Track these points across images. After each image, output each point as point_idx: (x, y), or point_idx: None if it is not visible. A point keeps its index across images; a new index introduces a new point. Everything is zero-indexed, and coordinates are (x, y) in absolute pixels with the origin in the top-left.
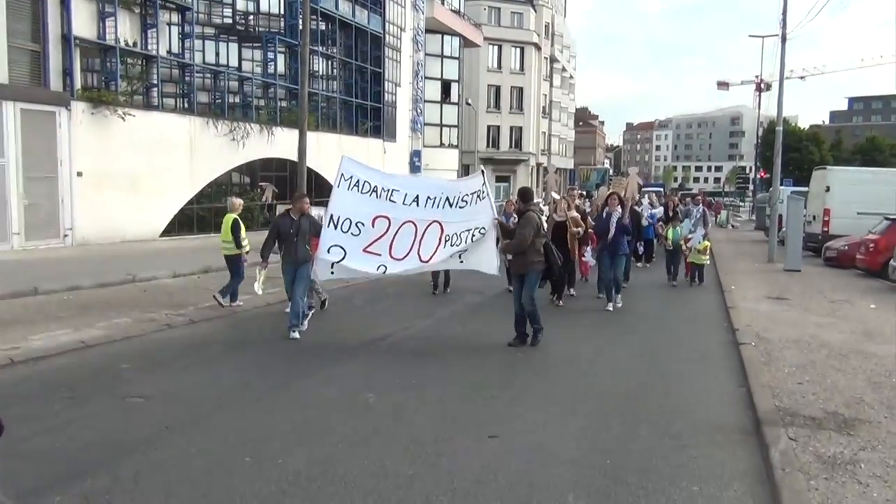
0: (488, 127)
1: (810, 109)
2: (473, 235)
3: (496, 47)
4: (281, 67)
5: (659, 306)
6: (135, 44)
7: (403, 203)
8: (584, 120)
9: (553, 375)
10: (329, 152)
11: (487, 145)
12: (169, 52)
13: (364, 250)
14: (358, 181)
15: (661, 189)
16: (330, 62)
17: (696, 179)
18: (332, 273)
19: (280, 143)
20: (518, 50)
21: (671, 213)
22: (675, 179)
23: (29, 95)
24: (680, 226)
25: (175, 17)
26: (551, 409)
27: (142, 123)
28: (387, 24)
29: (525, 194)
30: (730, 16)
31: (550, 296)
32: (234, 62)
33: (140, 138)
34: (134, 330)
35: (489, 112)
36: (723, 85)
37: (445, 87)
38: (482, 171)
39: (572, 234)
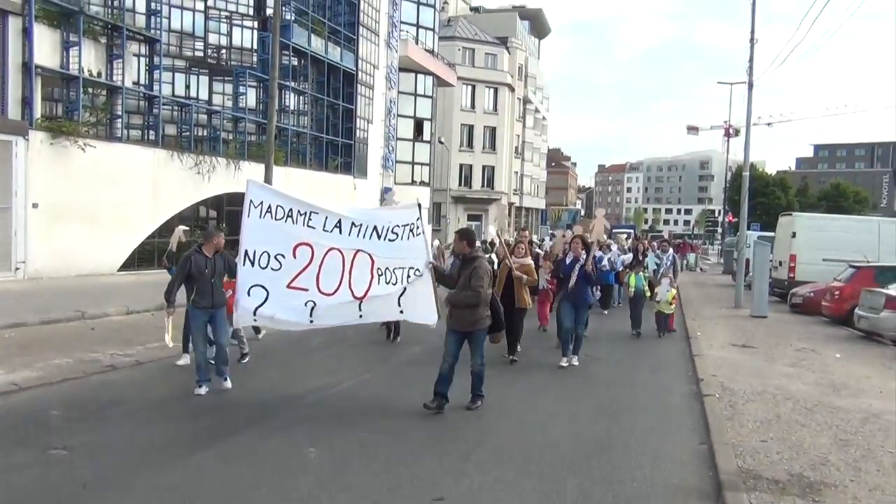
0: (461, 165)
1: (777, 155)
2: (408, 276)
3: (470, 87)
4: (252, 102)
5: (621, 354)
6: (99, 74)
7: (324, 229)
8: (557, 161)
9: (507, 431)
10: (298, 188)
11: (460, 184)
12: (136, 83)
13: (289, 286)
14: (269, 206)
15: (632, 231)
16: (301, 97)
17: (667, 221)
18: (256, 320)
19: (247, 178)
20: (492, 90)
21: (640, 258)
22: (646, 221)
23: None
24: (644, 271)
25: (144, 49)
26: (503, 468)
27: (103, 155)
28: (360, 62)
29: (469, 235)
30: (699, 62)
31: (505, 355)
32: (204, 95)
33: (101, 170)
34: (74, 371)
35: (462, 151)
36: (692, 129)
37: (418, 125)
38: (419, 204)
39: (519, 281)
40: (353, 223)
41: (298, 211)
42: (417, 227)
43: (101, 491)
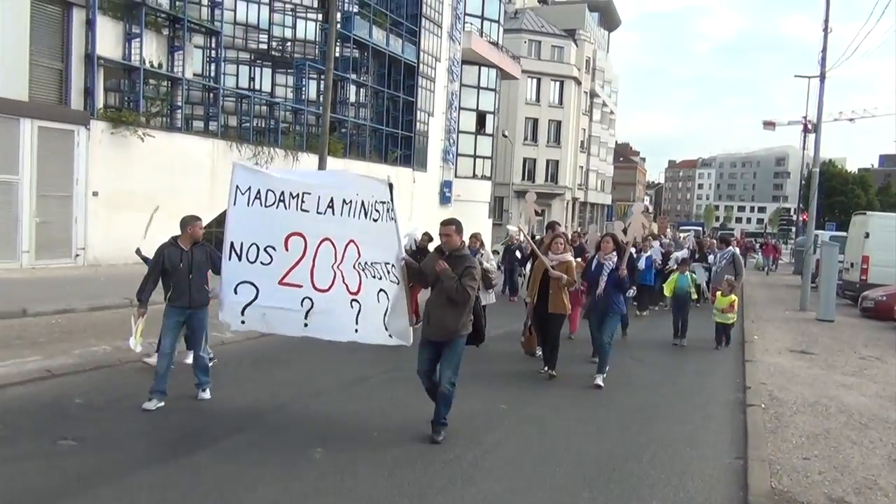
0: (524, 159)
1: (860, 152)
2: (389, 273)
3: (535, 80)
4: (313, 94)
5: (665, 356)
6: (160, 65)
7: (318, 211)
8: (625, 156)
9: (526, 436)
10: None
11: (523, 178)
12: (198, 74)
13: (281, 282)
14: (259, 192)
15: (701, 228)
16: (362, 90)
17: (739, 220)
18: (244, 322)
19: (305, 169)
20: (557, 84)
21: (696, 257)
22: (717, 219)
23: (48, 113)
24: (690, 271)
25: (208, 41)
26: (515, 477)
27: (162, 145)
28: (421, 54)
29: (460, 226)
30: (778, 56)
31: (542, 370)
32: (267, 87)
33: (160, 159)
34: (110, 360)
35: (526, 144)
36: (769, 125)
37: (481, 118)
38: (389, 183)
39: (557, 282)
40: (343, 200)
41: (291, 193)
42: (391, 209)
43: (92, 487)
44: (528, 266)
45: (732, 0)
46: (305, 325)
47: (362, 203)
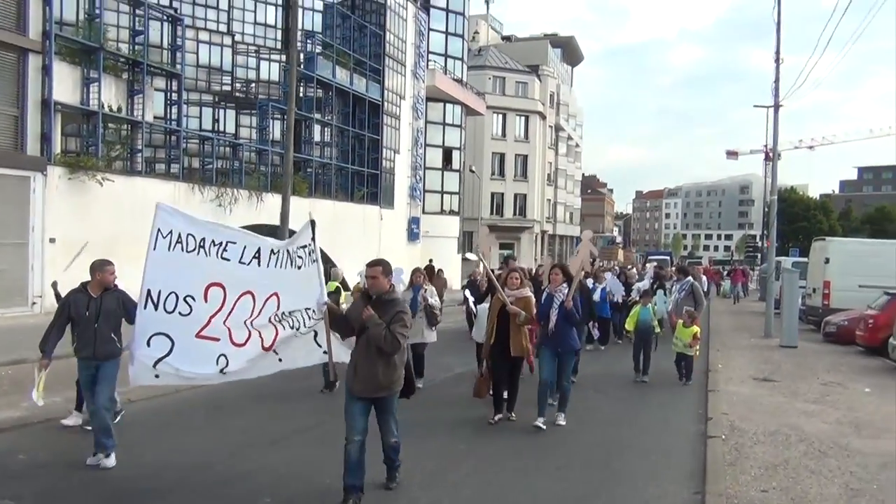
0: (492, 194)
1: (821, 179)
2: (309, 318)
3: (500, 115)
4: (277, 134)
5: (628, 389)
6: (119, 109)
7: (240, 261)
8: (593, 188)
9: (484, 477)
10: (323, 219)
11: (491, 212)
12: (163, 118)
13: (198, 335)
14: (180, 236)
15: (669, 257)
16: (327, 129)
17: (707, 248)
18: (157, 377)
19: (269, 209)
20: (522, 118)
21: (657, 288)
22: (685, 247)
23: (2, 160)
24: (652, 304)
25: (169, 84)
26: None
27: (122, 189)
28: (386, 92)
29: (388, 267)
30: (740, 86)
31: (492, 419)
32: (231, 128)
33: (120, 204)
34: (59, 412)
35: (493, 179)
36: (732, 154)
37: (447, 154)
38: (311, 221)
39: (514, 318)
40: (272, 250)
41: (213, 241)
42: (314, 251)
43: None
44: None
45: (693, 34)
46: (223, 374)
47: (287, 252)
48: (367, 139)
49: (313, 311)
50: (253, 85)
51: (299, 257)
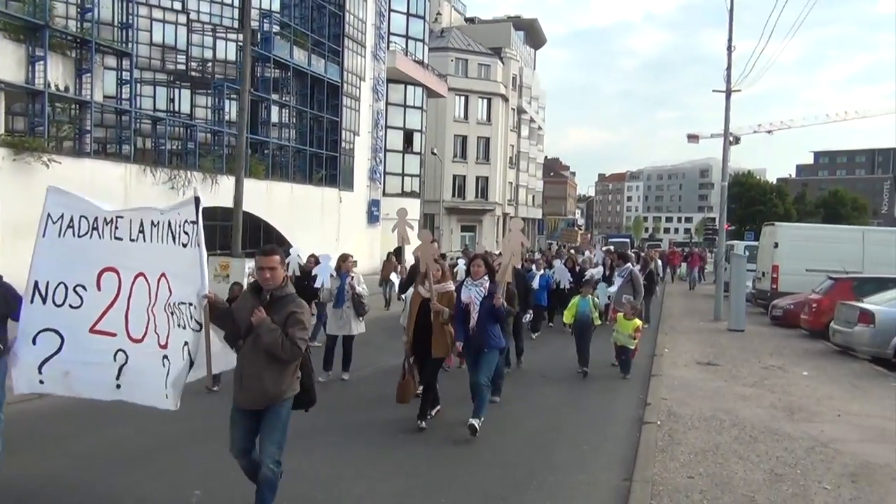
0: (454, 176)
1: (779, 163)
2: (191, 318)
3: (463, 98)
4: (233, 115)
5: (571, 375)
6: (67, 89)
7: (131, 238)
8: (555, 170)
9: (416, 469)
10: (281, 202)
11: (453, 195)
12: (111, 97)
13: (92, 330)
14: (72, 220)
15: (629, 240)
16: (284, 110)
17: (667, 230)
18: (42, 383)
19: (225, 192)
20: (485, 101)
21: (607, 274)
22: (646, 230)
23: None
24: (593, 294)
25: (120, 63)
26: None
27: (70, 171)
28: (345, 74)
29: (283, 255)
30: (702, 70)
31: (421, 424)
32: (186, 109)
33: (68, 186)
34: None
35: (455, 161)
36: (693, 138)
37: (408, 136)
38: (195, 198)
39: (438, 317)
40: (152, 221)
41: (105, 219)
42: (199, 232)
43: None
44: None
45: (657, 17)
46: (118, 385)
47: (169, 224)
48: (326, 121)
49: (195, 306)
50: (209, 64)
51: (185, 234)
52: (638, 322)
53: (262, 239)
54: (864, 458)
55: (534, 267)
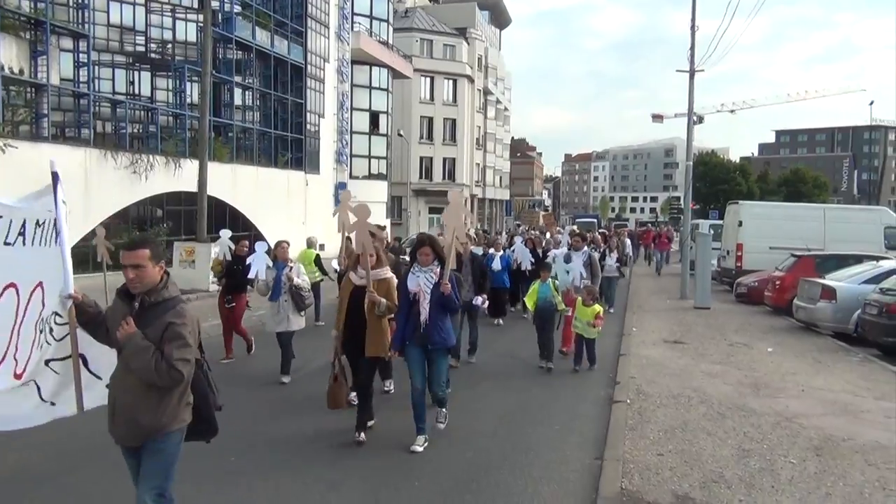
0: (421, 158)
1: (741, 142)
2: (52, 327)
3: (429, 79)
4: (195, 97)
5: (535, 352)
6: (21, 71)
7: (5, 241)
8: (522, 151)
9: (389, 450)
10: (246, 185)
11: (421, 176)
12: (71, 80)
13: None
14: None
15: (596, 220)
16: (247, 92)
17: (633, 210)
18: None
19: (188, 176)
20: (451, 82)
21: (542, 257)
22: (613, 210)
23: None
24: (551, 279)
25: (76, 44)
26: (369, 495)
27: (27, 156)
28: (309, 55)
29: (154, 248)
30: (666, 50)
31: (358, 436)
32: (146, 91)
33: (25, 172)
34: None
35: (422, 143)
36: (657, 118)
37: (374, 118)
38: (53, 173)
39: (373, 308)
40: (37, 221)
41: None
42: (58, 218)
43: None
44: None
45: None
46: None
47: (54, 223)
48: (291, 103)
49: (59, 315)
50: (169, 46)
51: (56, 229)
52: (598, 308)
53: (228, 223)
54: (828, 432)
55: (492, 249)
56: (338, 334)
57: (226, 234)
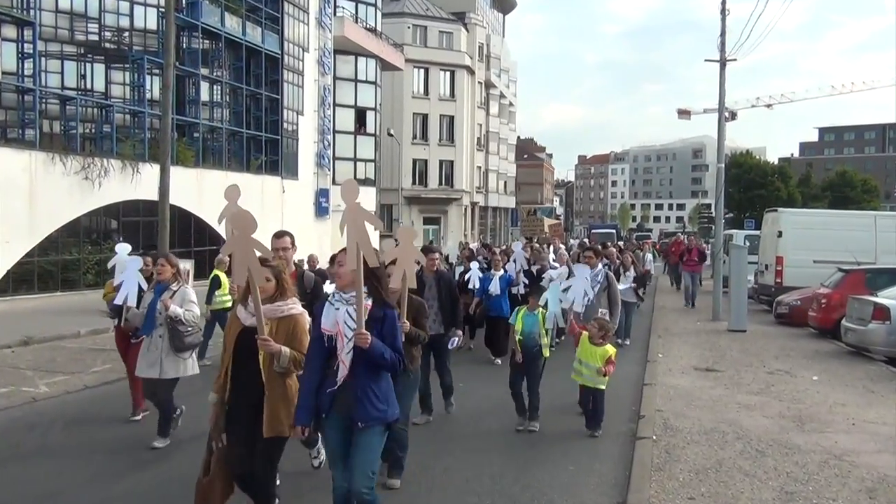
0: (414, 161)
1: (780, 141)
2: None
3: (422, 70)
4: (156, 93)
5: (553, 382)
6: None
7: None
8: (529, 152)
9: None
10: (214, 192)
11: (414, 182)
12: (14, 74)
13: None
14: None
15: (615, 231)
16: (216, 87)
17: (657, 219)
18: None
19: (147, 182)
20: (447, 74)
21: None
22: (634, 219)
23: None
24: (540, 309)
25: (20, 33)
26: None
27: None
28: (286, 44)
29: None
30: (694, 37)
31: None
32: (100, 86)
33: None
34: None
35: (415, 144)
36: (684, 113)
37: (361, 115)
38: None
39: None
40: None
41: None
42: None
43: None
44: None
45: None
46: None
47: None
48: (265, 98)
49: None
50: (126, 34)
51: None
52: (611, 350)
53: (193, 236)
54: (882, 472)
55: (492, 267)
56: (217, 399)
57: (124, 248)
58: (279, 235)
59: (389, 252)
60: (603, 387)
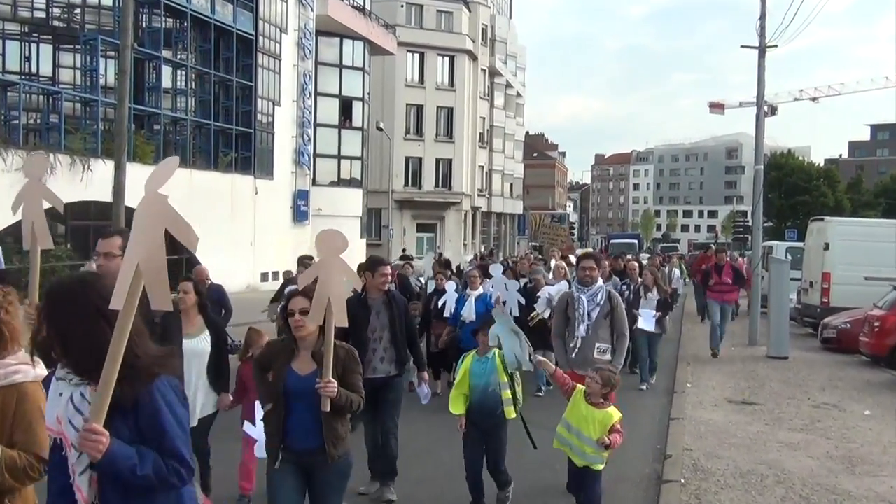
0: (407, 159)
1: (827, 140)
2: None
3: (417, 55)
4: (111, 78)
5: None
6: None
7: None
8: (540, 150)
9: None
10: (177, 193)
11: (406, 183)
12: None
13: None
14: None
15: (637, 241)
16: (180, 72)
17: (685, 228)
18: None
19: (100, 181)
20: (446, 59)
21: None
22: (658, 227)
23: None
24: (496, 350)
25: None
26: None
27: None
28: (261, 24)
29: None
30: (729, 21)
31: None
32: (47, 70)
33: None
34: None
35: (408, 139)
36: (716, 107)
37: (346, 106)
38: None
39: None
40: None
41: None
42: None
43: None
44: None
45: None
46: None
47: None
48: (237, 86)
49: None
50: (76, 11)
51: None
52: (615, 415)
53: None
54: None
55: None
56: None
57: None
58: (107, 235)
59: (307, 272)
60: (600, 466)
